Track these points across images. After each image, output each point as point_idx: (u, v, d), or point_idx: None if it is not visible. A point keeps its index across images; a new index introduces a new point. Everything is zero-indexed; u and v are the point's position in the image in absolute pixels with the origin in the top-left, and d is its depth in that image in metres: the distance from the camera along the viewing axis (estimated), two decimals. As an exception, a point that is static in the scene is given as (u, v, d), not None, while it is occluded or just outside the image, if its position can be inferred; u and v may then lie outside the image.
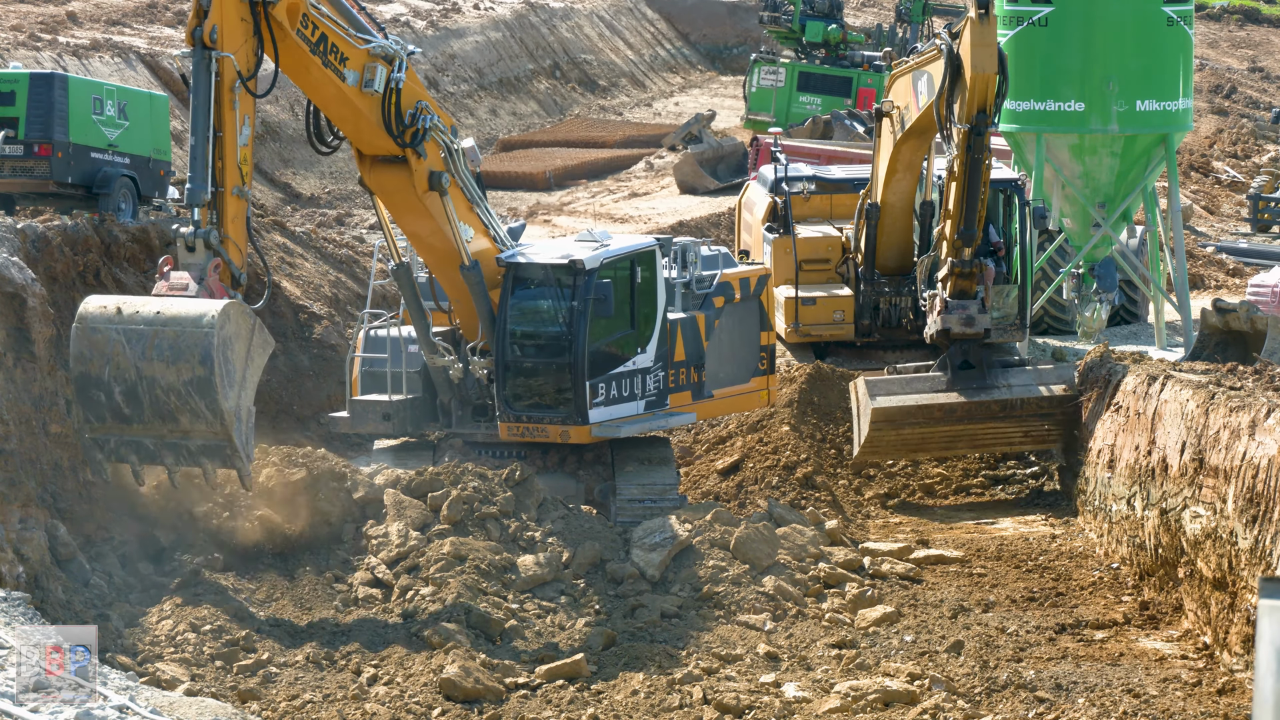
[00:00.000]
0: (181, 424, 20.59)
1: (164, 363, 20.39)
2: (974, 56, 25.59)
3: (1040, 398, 27.17)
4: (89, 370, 20.65)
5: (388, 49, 22.65)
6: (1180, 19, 33.52)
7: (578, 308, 24.13)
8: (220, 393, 20.33)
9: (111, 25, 55.29)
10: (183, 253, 20.91)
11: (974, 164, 25.98)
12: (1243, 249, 46.16)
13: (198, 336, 20.34)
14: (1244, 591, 19.92)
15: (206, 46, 20.70)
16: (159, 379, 20.43)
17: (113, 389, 20.57)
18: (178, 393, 20.41)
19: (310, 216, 49.27)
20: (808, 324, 30.59)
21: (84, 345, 20.67)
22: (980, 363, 27.24)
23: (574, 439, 24.48)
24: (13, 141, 28.76)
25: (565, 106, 70.17)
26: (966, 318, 26.83)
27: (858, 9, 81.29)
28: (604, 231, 26.97)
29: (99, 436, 20.98)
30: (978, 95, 25.77)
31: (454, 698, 19.39)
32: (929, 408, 27.05)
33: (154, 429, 20.73)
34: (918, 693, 19.41)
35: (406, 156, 23.24)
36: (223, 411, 20.40)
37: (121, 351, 20.46)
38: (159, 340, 20.41)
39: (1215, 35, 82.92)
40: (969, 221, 26.43)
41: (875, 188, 29.36)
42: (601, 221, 45.92)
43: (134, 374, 20.46)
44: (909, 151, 28.20)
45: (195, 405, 20.41)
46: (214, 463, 20.97)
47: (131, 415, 20.67)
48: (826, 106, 54.46)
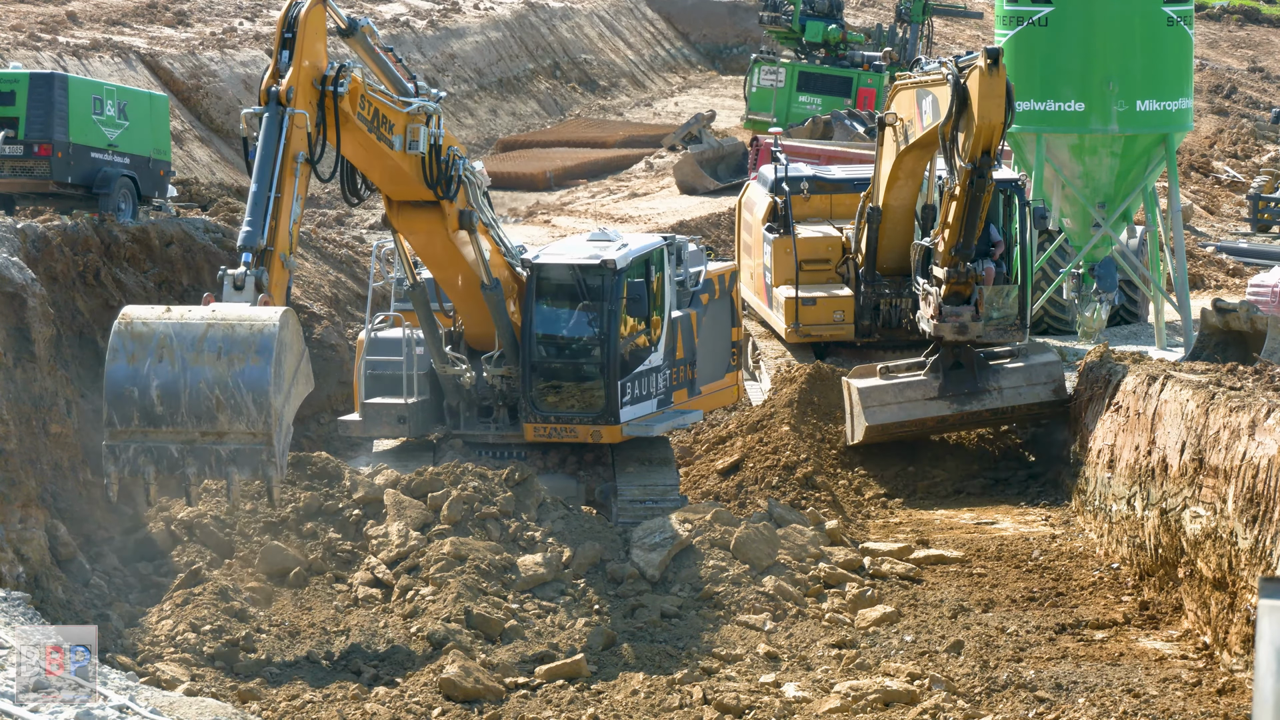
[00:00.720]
0: (219, 423, 19.80)
1: (215, 354, 19.71)
2: (981, 107, 25.62)
3: (1032, 403, 27.82)
4: (126, 363, 19.81)
5: (426, 107, 22.63)
6: (1180, 19, 33.53)
7: (609, 307, 24.22)
8: (272, 384, 19.66)
9: (111, 25, 55.29)
10: (229, 291, 20.36)
11: (974, 200, 26.33)
12: (1243, 249, 46.17)
13: (257, 328, 19.74)
14: (1244, 591, 19.92)
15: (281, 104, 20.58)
16: (206, 371, 19.64)
17: (149, 383, 19.74)
18: (224, 385, 19.68)
19: (310, 216, 49.26)
20: (808, 324, 30.59)
21: (125, 338, 19.86)
22: (971, 364, 27.72)
23: (606, 439, 24.64)
24: (13, 141, 28.77)
25: (565, 106, 70.16)
26: (960, 325, 27.24)
27: (858, 9, 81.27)
28: (614, 230, 27.08)
29: (118, 443, 19.95)
30: (982, 140, 25.87)
31: (454, 698, 19.38)
32: (922, 421, 27.81)
33: (185, 432, 19.85)
34: (918, 693, 19.41)
35: (439, 201, 23.19)
36: (270, 406, 19.68)
37: (168, 343, 19.79)
38: (213, 333, 19.77)
39: (1215, 35, 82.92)
40: (967, 241, 26.85)
41: (877, 192, 29.41)
42: (601, 222, 45.89)
43: (178, 366, 19.74)
44: (912, 161, 28.31)
45: (240, 400, 19.71)
46: (244, 472, 20.05)
47: (163, 415, 19.79)
48: (826, 106, 54.44)
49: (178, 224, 30.21)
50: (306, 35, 20.90)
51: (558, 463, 25.28)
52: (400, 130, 22.28)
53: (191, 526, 22.29)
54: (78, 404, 23.99)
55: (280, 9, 21.93)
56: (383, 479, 23.25)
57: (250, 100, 53.87)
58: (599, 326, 24.41)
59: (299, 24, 20.82)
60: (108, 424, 20.00)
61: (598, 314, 24.41)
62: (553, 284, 24.67)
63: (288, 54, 20.76)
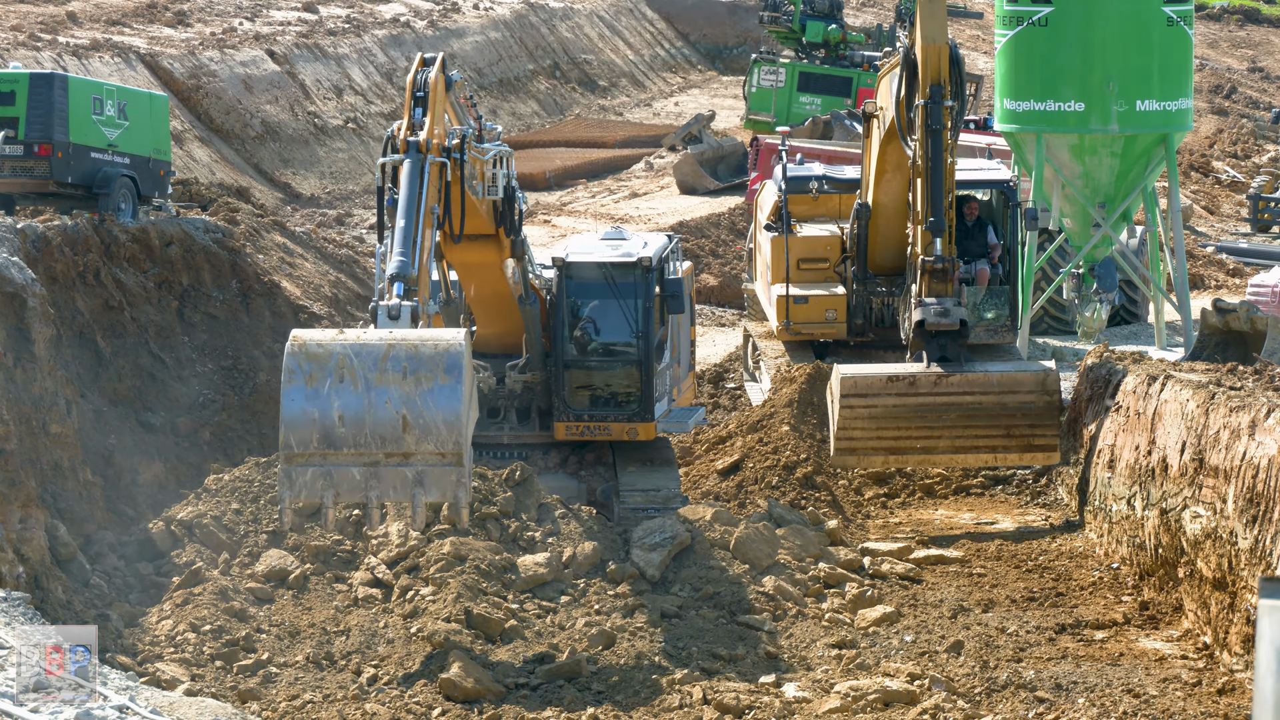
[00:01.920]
0: (405, 444, 19.35)
1: (400, 373, 19.35)
2: (924, 29, 25.37)
3: (1019, 376, 26.26)
4: (304, 384, 19.38)
5: (502, 151, 23.25)
6: (1180, 19, 33.52)
7: (645, 304, 24.35)
8: (464, 402, 19.31)
9: (111, 25, 55.29)
10: (384, 321, 20.21)
11: (934, 140, 25.43)
12: (1243, 249, 46.17)
13: (443, 347, 19.49)
14: (1244, 591, 19.92)
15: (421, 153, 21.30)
16: (392, 390, 19.31)
17: (330, 405, 19.30)
18: (411, 405, 19.35)
19: (310, 216, 49.27)
20: (799, 322, 30.46)
21: (300, 360, 19.42)
22: (959, 358, 26.37)
23: (641, 436, 24.83)
24: (13, 141, 28.79)
25: (565, 106, 70.17)
26: (941, 310, 25.98)
27: (858, 9, 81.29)
28: (622, 228, 27.22)
29: (294, 467, 19.45)
30: (930, 67, 25.44)
31: (454, 698, 19.39)
32: (899, 376, 26.16)
33: (368, 454, 19.39)
34: (918, 693, 19.41)
35: (499, 234, 23.60)
36: (461, 425, 19.27)
37: (348, 364, 19.38)
38: (395, 352, 19.41)
39: (1215, 35, 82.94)
40: (936, 209, 25.74)
41: (866, 188, 29.28)
42: (602, 222, 45.92)
43: (361, 386, 19.35)
44: (895, 151, 28.00)
45: (430, 419, 19.29)
46: (432, 494, 19.59)
47: (344, 437, 19.36)
48: (826, 106, 54.44)
49: (178, 224, 30.23)
50: (438, 100, 21.88)
51: (558, 462, 25.32)
52: (481, 177, 22.81)
53: (191, 526, 22.30)
54: (78, 404, 24.01)
55: (279, 9, 22.07)
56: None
57: (250, 100, 53.93)
58: (635, 324, 24.59)
59: (431, 88, 21.87)
60: (283, 448, 19.50)
61: (634, 311, 24.58)
62: (584, 282, 24.79)
63: (420, 110, 21.77)
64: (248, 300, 30.35)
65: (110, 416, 26.48)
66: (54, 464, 22.14)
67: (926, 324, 26.09)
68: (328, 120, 56.15)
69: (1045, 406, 26.43)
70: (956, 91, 25.79)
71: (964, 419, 26.40)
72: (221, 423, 28.39)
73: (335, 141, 56.14)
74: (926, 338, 26.30)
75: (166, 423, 27.66)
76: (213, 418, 28.27)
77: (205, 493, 22.91)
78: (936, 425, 26.41)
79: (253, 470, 23.24)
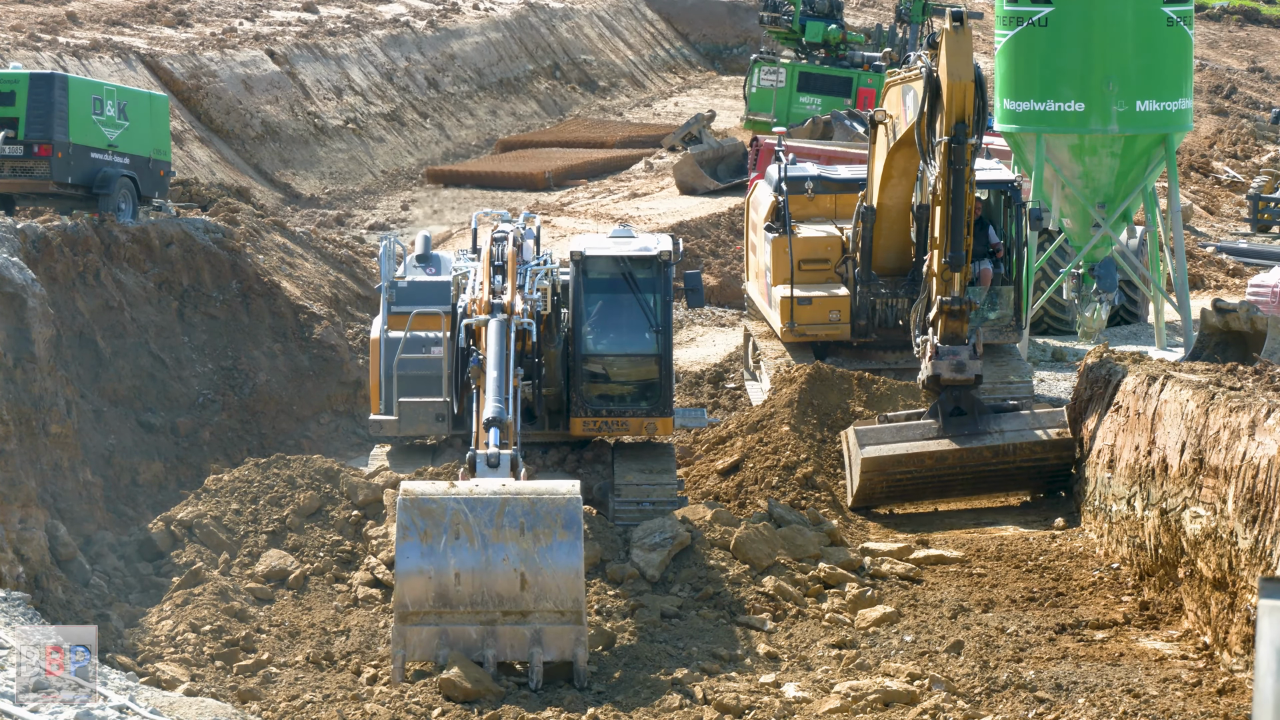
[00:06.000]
0: (524, 603, 19.11)
1: (517, 530, 19.09)
2: (949, 65, 25.48)
3: (1035, 442, 26.48)
4: (420, 541, 19.10)
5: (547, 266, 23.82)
6: (1180, 19, 33.55)
7: (665, 299, 24.37)
8: (582, 558, 19.07)
9: (111, 25, 55.30)
10: (483, 469, 20.10)
11: (957, 178, 25.58)
12: (1243, 249, 46.19)
13: (559, 502, 19.25)
14: (1244, 591, 19.91)
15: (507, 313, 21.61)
16: (509, 547, 19.07)
17: (446, 562, 19.04)
18: (530, 561, 19.03)
19: (310, 216, 49.29)
20: (803, 323, 30.53)
21: (414, 514, 19.14)
22: (972, 410, 26.44)
23: (660, 431, 24.81)
24: (13, 142, 28.81)
25: (565, 107, 70.17)
26: (957, 364, 26.03)
27: (858, 9, 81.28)
28: (630, 227, 27.18)
29: (409, 626, 19.20)
30: (955, 105, 25.58)
31: (454, 698, 19.37)
32: (919, 455, 26.40)
33: (485, 612, 19.17)
34: (918, 693, 19.41)
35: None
36: (580, 583, 19.05)
37: (463, 520, 19.12)
38: (511, 507, 19.16)
39: (1215, 35, 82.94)
40: (955, 244, 25.83)
41: (871, 191, 29.38)
42: (602, 222, 45.91)
43: (478, 543, 19.06)
44: (903, 159, 28.20)
45: (548, 576, 19.04)
46: (549, 654, 19.31)
47: (461, 596, 19.14)
48: (826, 107, 54.46)
49: (178, 224, 30.25)
50: (514, 268, 22.44)
51: (558, 462, 25.29)
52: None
53: (191, 527, 22.30)
54: (78, 404, 24.01)
55: (279, 9, 22.09)
56: (383, 479, 23.25)
57: (250, 100, 53.94)
58: (654, 318, 24.58)
59: (508, 259, 22.54)
60: (398, 606, 19.36)
61: (652, 306, 24.58)
62: (601, 277, 24.75)
63: (500, 278, 22.31)
64: (248, 300, 30.37)
65: (110, 416, 26.51)
66: (54, 464, 22.15)
67: (943, 378, 26.21)
68: (328, 120, 56.17)
69: (1059, 463, 26.63)
70: (979, 120, 25.86)
71: (979, 478, 26.88)
72: (221, 423, 28.42)
73: (335, 142, 56.16)
74: (941, 390, 26.41)
75: (166, 423, 27.69)
76: (213, 418, 28.30)
77: (205, 493, 22.90)
78: (953, 484, 26.92)
79: (252, 470, 23.23)
